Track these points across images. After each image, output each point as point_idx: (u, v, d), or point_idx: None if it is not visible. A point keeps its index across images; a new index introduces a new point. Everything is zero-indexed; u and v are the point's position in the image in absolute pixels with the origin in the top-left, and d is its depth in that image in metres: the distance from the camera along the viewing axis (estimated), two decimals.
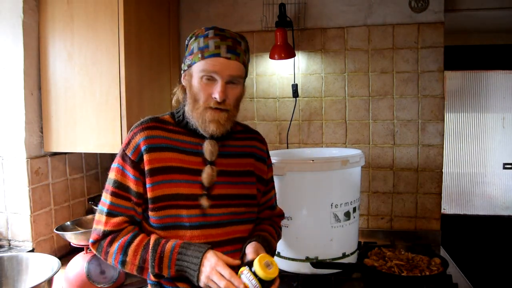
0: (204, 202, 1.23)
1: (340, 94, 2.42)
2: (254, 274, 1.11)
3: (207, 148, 1.26)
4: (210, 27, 1.25)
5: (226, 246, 1.26)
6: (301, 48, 2.43)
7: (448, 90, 2.96)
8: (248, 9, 2.48)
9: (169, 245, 1.17)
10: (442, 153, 2.35)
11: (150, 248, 1.18)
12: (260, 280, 1.11)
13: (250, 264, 1.14)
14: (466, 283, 1.80)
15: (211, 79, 1.21)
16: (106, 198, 1.25)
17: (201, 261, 1.13)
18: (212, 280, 1.11)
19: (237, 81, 1.25)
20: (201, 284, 1.13)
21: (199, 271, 1.13)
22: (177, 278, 1.21)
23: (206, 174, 1.25)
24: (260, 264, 1.11)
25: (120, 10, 1.87)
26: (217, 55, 1.20)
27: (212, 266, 1.12)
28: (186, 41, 1.30)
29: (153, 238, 1.21)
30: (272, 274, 1.12)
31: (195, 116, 1.24)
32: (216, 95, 1.20)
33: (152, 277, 1.19)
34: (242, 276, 1.12)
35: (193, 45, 1.24)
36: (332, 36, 2.40)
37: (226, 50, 1.21)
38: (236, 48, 1.23)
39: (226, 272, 1.11)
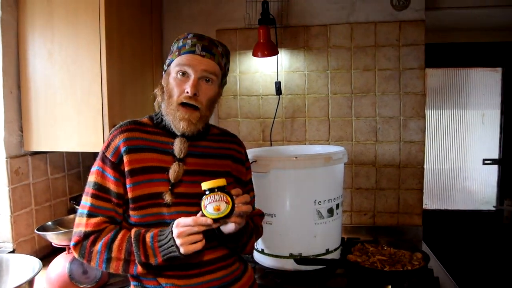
0: (168, 198, 1.24)
1: (323, 91, 2.43)
2: (206, 192, 1.13)
3: (176, 145, 1.29)
4: (191, 33, 1.33)
5: (207, 242, 1.26)
6: (284, 45, 2.44)
7: (429, 87, 3.00)
8: (231, 6, 2.47)
9: (148, 236, 1.19)
10: (424, 149, 2.38)
11: (132, 240, 1.19)
12: (213, 190, 1.13)
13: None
14: (447, 277, 1.84)
15: (185, 75, 1.27)
16: (86, 201, 1.26)
17: (171, 231, 1.16)
18: (183, 232, 1.13)
19: (211, 79, 1.29)
20: (182, 250, 1.14)
21: (174, 241, 1.14)
22: (159, 273, 1.23)
23: (173, 170, 1.26)
24: (206, 183, 1.14)
25: (101, 7, 1.84)
26: (192, 52, 1.28)
27: (176, 224, 1.16)
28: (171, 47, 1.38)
29: (133, 230, 1.22)
30: (220, 181, 1.14)
31: (168, 113, 1.28)
32: (188, 88, 1.25)
33: (139, 269, 1.19)
34: (203, 204, 1.14)
35: (175, 46, 1.33)
36: (315, 34, 2.41)
37: (201, 48, 1.28)
38: (212, 48, 1.30)
39: (188, 218, 1.15)
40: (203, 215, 1.13)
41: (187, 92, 1.25)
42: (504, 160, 3.00)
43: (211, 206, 1.12)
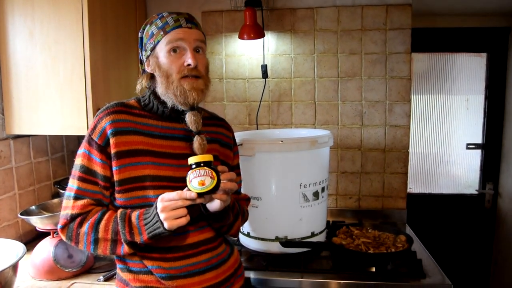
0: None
1: (309, 75, 2.42)
2: (192, 166, 1.14)
3: (191, 119, 1.27)
4: (163, 12, 1.30)
5: (193, 225, 1.26)
6: (271, 28, 2.41)
7: (415, 72, 3.01)
8: None
9: (134, 215, 1.19)
10: (409, 133, 2.40)
11: (118, 219, 1.19)
12: (199, 165, 1.13)
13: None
14: (430, 259, 1.87)
15: (179, 50, 1.25)
16: (73, 184, 1.25)
17: (155, 207, 1.16)
18: (167, 206, 1.13)
19: (201, 49, 1.29)
20: (167, 224, 1.13)
21: (158, 216, 1.14)
22: (145, 255, 1.23)
23: (198, 144, 1.26)
24: (193, 157, 1.15)
25: None
26: (179, 26, 1.25)
27: (160, 199, 1.15)
28: (140, 34, 1.33)
29: (119, 211, 1.22)
30: (206, 156, 1.14)
31: (172, 92, 1.25)
32: (189, 61, 1.24)
33: (126, 249, 1.19)
34: (188, 178, 1.14)
35: (151, 29, 1.28)
36: (302, 17, 2.39)
37: (186, 21, 1.26)
38: (193, 19, 1.30)
39: (172, 192, 1.15)
40: (188, 189, 1.13)
41: (189, 65, 1.23)
42: (487, 145, 3.04)
43: (196, 181, 1.12)
